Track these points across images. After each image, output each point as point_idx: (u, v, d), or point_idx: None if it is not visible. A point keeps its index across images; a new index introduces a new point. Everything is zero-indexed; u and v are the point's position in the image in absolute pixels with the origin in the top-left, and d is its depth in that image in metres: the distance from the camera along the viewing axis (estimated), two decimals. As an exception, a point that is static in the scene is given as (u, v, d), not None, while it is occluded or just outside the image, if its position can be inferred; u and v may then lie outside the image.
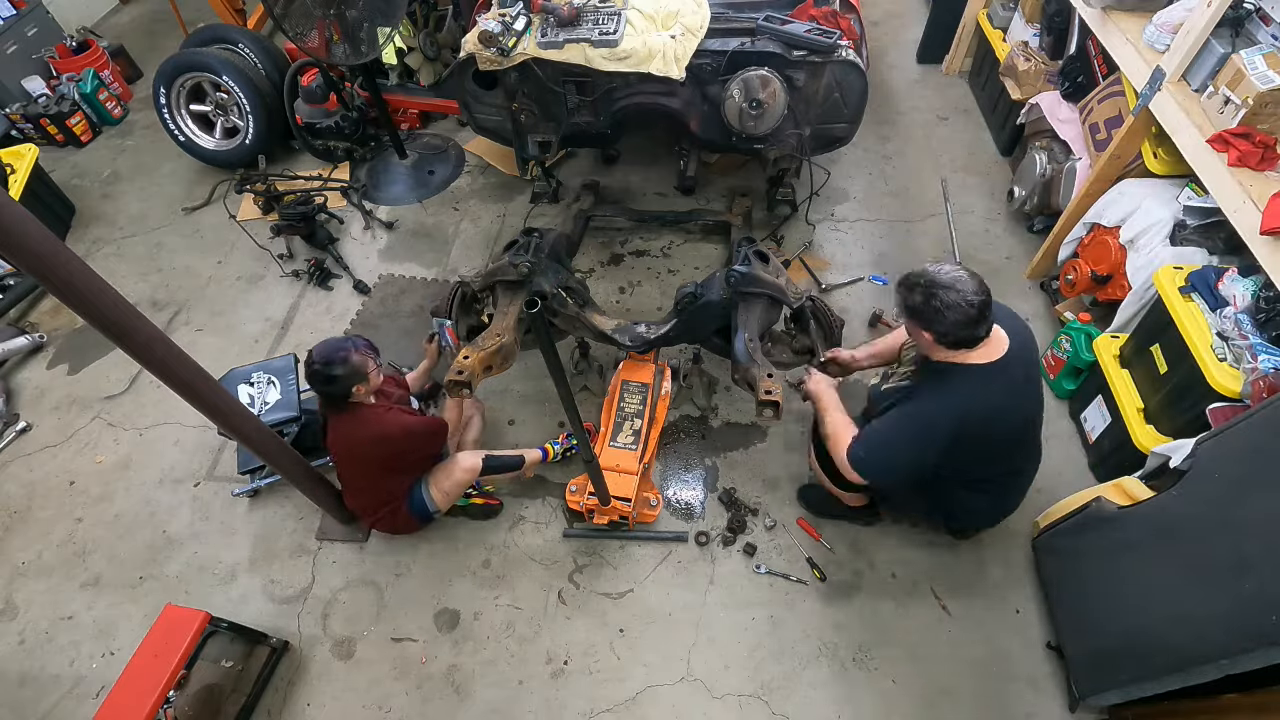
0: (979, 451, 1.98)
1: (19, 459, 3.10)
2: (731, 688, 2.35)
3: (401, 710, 2.37)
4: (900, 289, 1.87)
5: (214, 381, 1.94)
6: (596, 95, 3.09)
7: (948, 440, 1.88)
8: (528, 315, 1.53)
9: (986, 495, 2.21)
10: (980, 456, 2.02)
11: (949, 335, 1.79)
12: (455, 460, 2.55)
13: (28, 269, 1.43)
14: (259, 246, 3.84)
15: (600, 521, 2.62)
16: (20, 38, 4.64)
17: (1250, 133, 2.12)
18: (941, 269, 1.79)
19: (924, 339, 1.86)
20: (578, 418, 2.01)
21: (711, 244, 3.72)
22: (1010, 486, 2.24)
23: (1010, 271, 3.46)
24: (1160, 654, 1.85)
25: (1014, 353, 1.87)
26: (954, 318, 1.74)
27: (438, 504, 2.56)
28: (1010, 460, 2.15)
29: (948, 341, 1.81)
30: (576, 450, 2.81)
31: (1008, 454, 2.10)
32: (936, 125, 4.29)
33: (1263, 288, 2.15)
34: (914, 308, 1.81)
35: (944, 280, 1.76)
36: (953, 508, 2.24)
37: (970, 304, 1.73)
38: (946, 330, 1.78)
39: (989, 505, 2.27)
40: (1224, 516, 1.72)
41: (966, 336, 1.79)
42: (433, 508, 2.56)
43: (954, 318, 1.74)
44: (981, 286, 1.76)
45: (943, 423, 1.87)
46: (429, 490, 2.53)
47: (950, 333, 1.78)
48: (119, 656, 2.51)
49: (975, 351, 1.84)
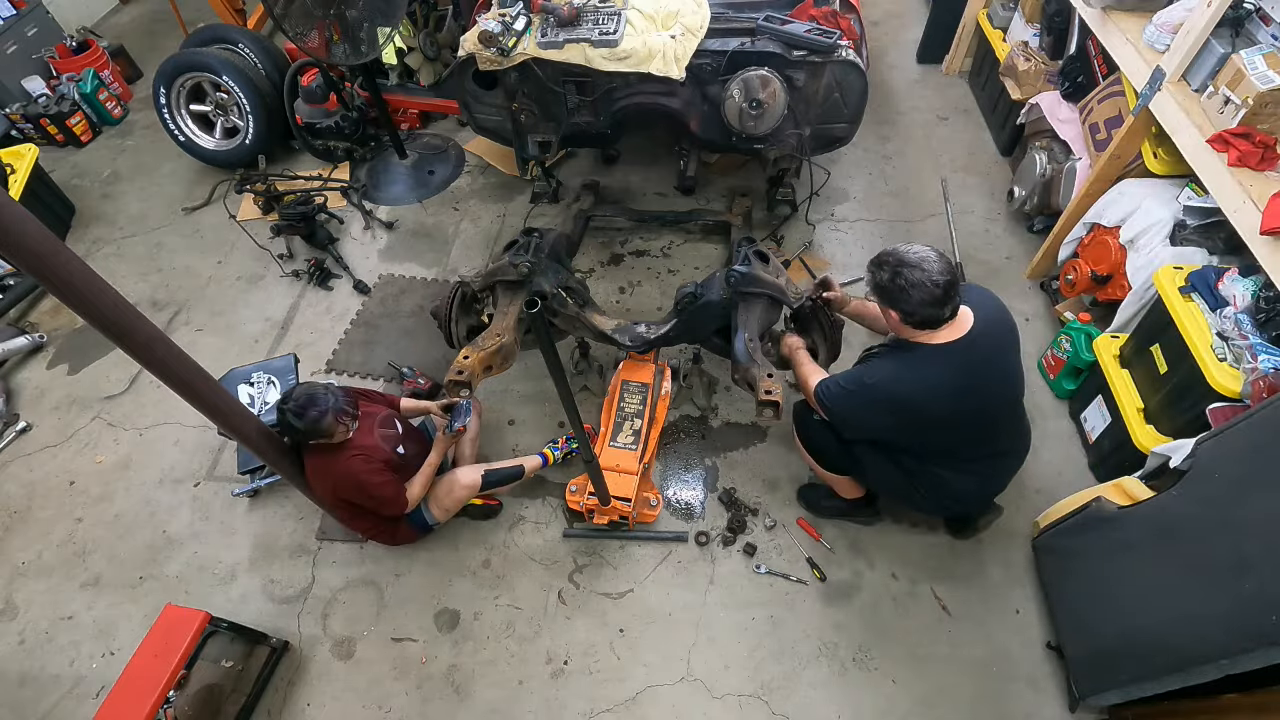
0: (947, 429, 2.00)
1: (19, 459, 3.10)
2: (731, 688, 2.35)
3: (401, 710, 2.37)
4: (870, 266, 1.92)
5: (214, 381, 1.94)
6: (596, 95, 3.09)
7: (894, 410, 1.95)
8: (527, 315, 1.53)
9: (973, 476, 2.17)
10: (951, 434, 2.03)
11: (914, 314, 1.83)
12: (455, 477, 2.54)
13: (28, 269, 1.43)
14: (259, 246, 3.84)
15: (600, 522, 2.61)
16: (20, 38, 4.65)
17: (1250, 133, 2.12)
18: (911, 249, 1.83)
19: (892, 318, 1.91)
20: (577, 418, 2.01)
21: (711, 244, 3.72)
22: (997, 468, 2.22)
23: (1010, 271, 3.46)
24: (1160, 654, 1.85)
25: (978, 330, 1.89)
26: (919, 296, 1.78)
27: (437, 518, 2.58)
28: (993, 442, 2.13)
29: (914, 321, 1.85)
30: (577, 453, 2.81)
31: (984, 434, 2.08)
32: (936, 125, 4.29)
33: (1263, 288, 2.15)
34: (881, 285, 1.86)
35: (911, 259, 1.80)
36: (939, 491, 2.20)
37: (935, 284, 1.76)
38: (912, 309, 1.82)
39: (976, 487, 2.23)
40: (1224, 516, 1.72)
41: (931, 316, 1.82)
42: (432, 521, 2.57)
43: (919, 296, 1.78)
44: (948, 267, 1.79)
45: (886, 392, 1.94)
46: (428, 507, 2.54)
47: (915, 312, 1.82)
48: (119, 656, 2.51)
49: (939, 332, 1.87)
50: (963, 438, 2.06)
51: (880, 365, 2.03)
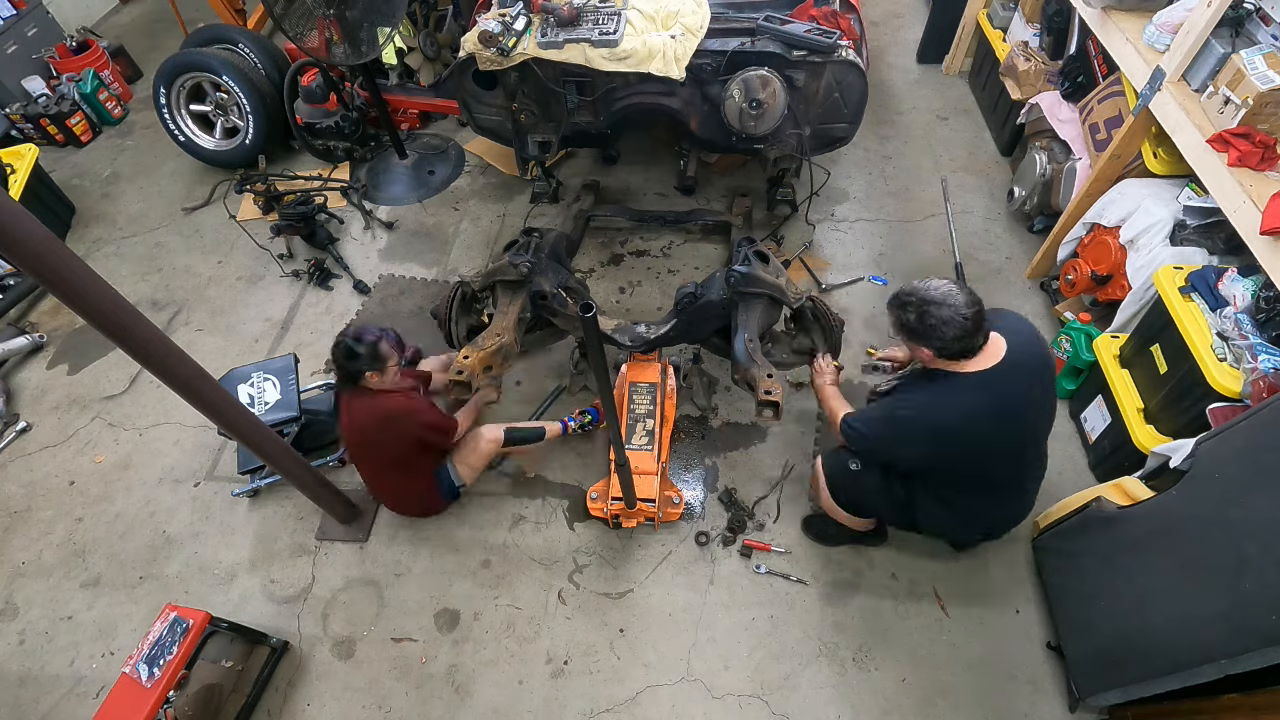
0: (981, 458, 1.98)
1: (19, 459, 3.10)
2: (731, 688, 2.35)
3: (401, 710, 2.37)
4: (893, 309, 1.93)
5: (214, 381, 1.94)
6: (596, 95, 3.09)
7: (932, 439, 1.95)
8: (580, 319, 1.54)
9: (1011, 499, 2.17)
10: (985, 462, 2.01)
11: (947, 349, 1.84)
12: (478, 434, 2.60)
13: (28, 269, 1.43)
14: (259, 246, 3.84)
15: (628, 525, 2.63)
16: (20, 38, 4.64)
17: (1250, 133, 2.12)
18: (930, 285, 1.85)
19: (923, 355, 1.91)
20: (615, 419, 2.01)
21: (711, 244, 3.72)
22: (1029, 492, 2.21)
23: (1010, 271, 3.46)
24: (1160, 654, 1.85)
25: (1010, 359, 1.88)
26: (951, 333, 1.80)
27: (464, 479, 2.63)
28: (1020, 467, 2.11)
29: (947, 354, 1.87)
30: (591, 427, 2.87)
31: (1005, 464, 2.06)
32: (936, 125, 4.29)
33: (1263, 288, 2.15)
34: (910, 327, 1.87)
35: (935, 297, 1.81)
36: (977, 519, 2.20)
37: (965, 317, 1.78)
38: (945, 344, 1.83)
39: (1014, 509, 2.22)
40: (1224, 516, 1.72)
41: (965, 348, 1.84)
42: (459, 483, 2.63)
43: (951, 333, 1.80)
44: (972, 299, 1.81)
45: (924, 423, 1.95)
46: (455, 467, 2.60)
47: (948, 346, 1.84)
48: (119, 656, 2.51)
49: (973, 360, 1.88)
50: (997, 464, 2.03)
51: (913, 396, 2.03)
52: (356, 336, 2.29)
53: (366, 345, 2.28)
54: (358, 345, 2.27)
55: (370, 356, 2.29)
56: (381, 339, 2.32)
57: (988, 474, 2.06)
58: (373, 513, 2.80)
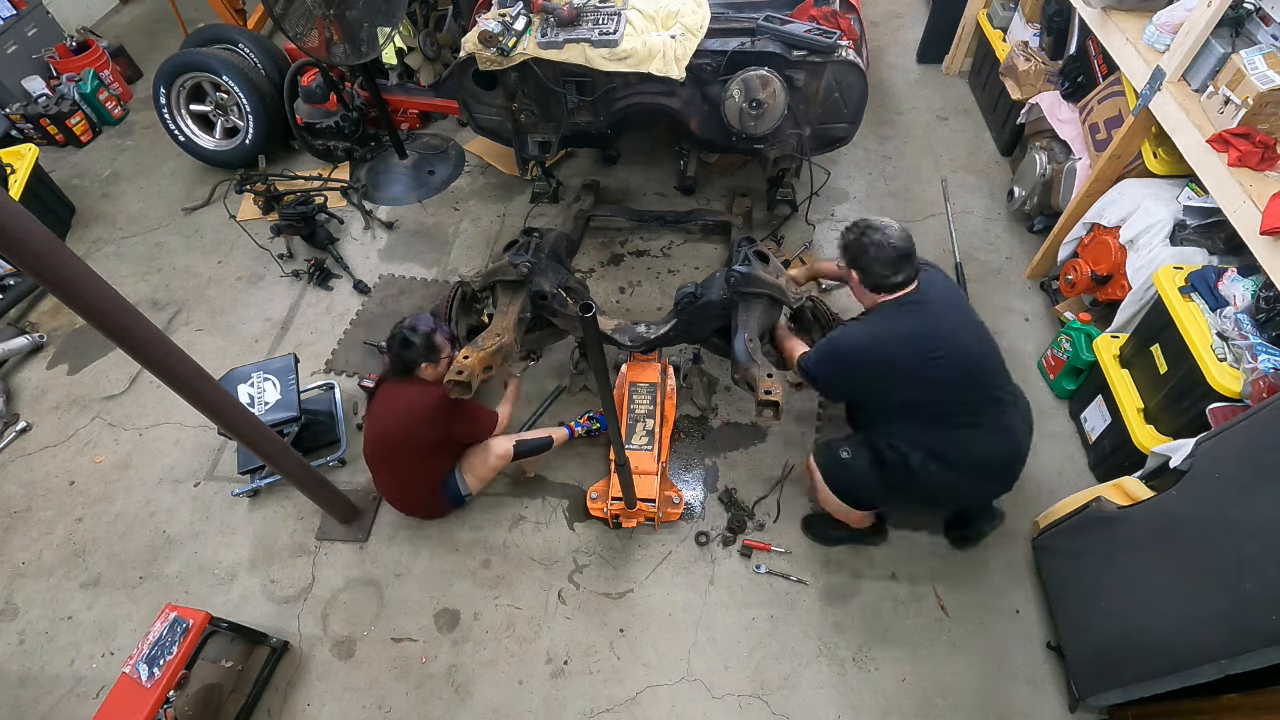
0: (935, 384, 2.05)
1: (19, 459, 3.10)
2: (731, 688, 2.35)
3: (401, 710, 2.37)
4: (842, 231, 2.20)
5: (214, 381, 1.94)
6: (596, 95, 3.09)
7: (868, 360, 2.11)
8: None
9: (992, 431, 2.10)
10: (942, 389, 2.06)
11: (870, 273, 2.07)
12: (488, 447, 2.60)
13: (28, 269, 1.43)
14: (259, 246, 3.84)
15: (628, 525, 2.63)
16: (20, 38, 4.64)
17: (1250, 133, 2.12)
18: (880, 219, 2.11)
19: (853, 279, 2.14)
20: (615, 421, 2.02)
21: (711, 244, 3.72)
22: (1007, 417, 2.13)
23: (1010, 271, 3.46)
24: (1160, 654, 1.85)
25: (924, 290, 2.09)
26: (876, 255, 2.03)
27: (471, 489, 2.64)
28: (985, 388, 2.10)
29: (869, 282, 2.09)
30: (599, 432, 2.87)
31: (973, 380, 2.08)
32: (936, 125, 4.29)
33: (1263, 288, 2.15)
34: (847, 244, 2.14)
35: (876, 224, 2.09)
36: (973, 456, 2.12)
37: (893, 247, 2.02)
38: (868, 267, 2.06)
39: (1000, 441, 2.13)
40: (1224, 516, 1.72)
41: (884, 276, 2.05)
42: (465, 491, 2.63)
43: (876, 255, 2.03)
44: (907, 240, 2.06)
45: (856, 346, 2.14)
46: (463, 476, 2.61)
47: (870, 270, 2.06)
48: (119, 656, 2.51)
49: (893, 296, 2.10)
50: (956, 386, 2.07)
51: (848, 327, 2.27)
52: (414, 325, 2.36)
53: (422, 336, 2.34)
54: (416, 334, 2.33)
55: (426, 348, 2.35)
56: (437, 331, 2.38)
57: (954, 400, 2.08)
58: (373, 513, 2.80)
